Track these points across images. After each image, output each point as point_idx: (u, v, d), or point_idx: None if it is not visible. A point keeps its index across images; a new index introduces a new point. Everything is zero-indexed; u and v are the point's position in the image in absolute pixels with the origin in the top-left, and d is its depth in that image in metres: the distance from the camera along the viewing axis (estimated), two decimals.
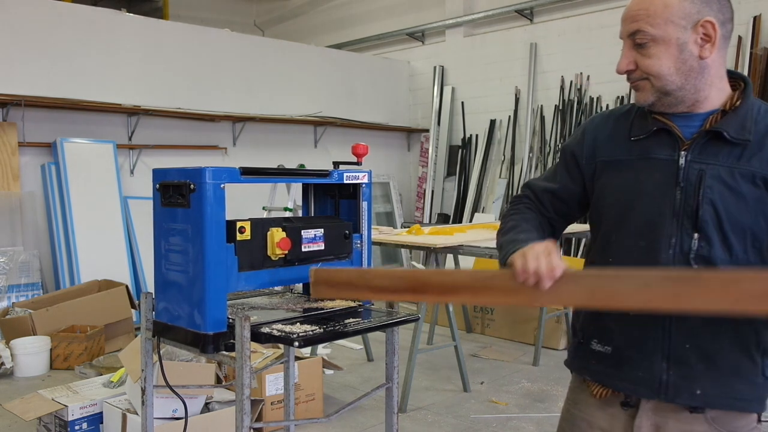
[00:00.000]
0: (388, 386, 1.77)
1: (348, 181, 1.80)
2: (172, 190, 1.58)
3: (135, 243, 5.88)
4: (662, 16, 1.27)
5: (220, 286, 1.53)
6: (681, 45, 1.28)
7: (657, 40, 1.28)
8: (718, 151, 1.31)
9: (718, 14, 1.29)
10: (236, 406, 1.51)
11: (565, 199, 1.59)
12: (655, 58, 1.29)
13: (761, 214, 1.29)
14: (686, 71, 1.29)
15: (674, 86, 1.30)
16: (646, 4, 1.30)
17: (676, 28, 1.27)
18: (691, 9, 1.27)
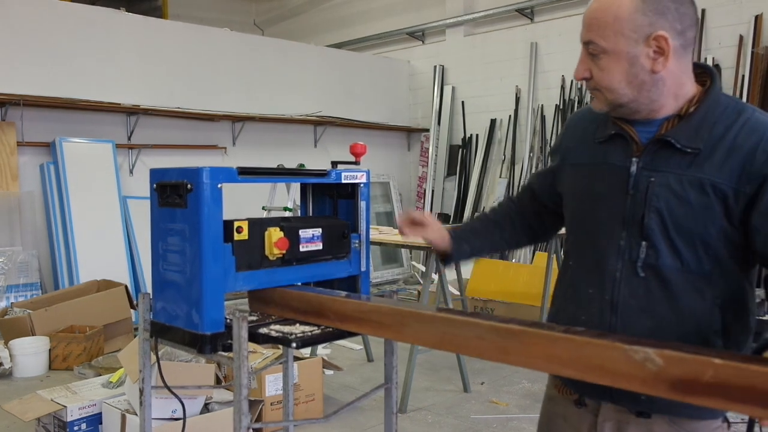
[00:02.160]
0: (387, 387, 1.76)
1: (346, 180, 1.79)
2: (169, 190, 1.57)
3: (134, 243, 5.87)
4: (612, 28, 1.23)
5: (217, 286, 1.52)
6: (632, 59, 1.24)
7: (608, 52, 1.25)
8: (669, 158, 1.29)
9: (675, 24, 1.23)
10: (234, 407, 1.50)
11: (543, 199, 1.63)
12: (606, 71, 1.27)
13: (710, 222, 1.26)
14: (638, 84, 1.26)
15: (626, 99, 1.28)
16: (598, 13, 1.26)
17: (627, 42, 1.23)
18: (643, 22, 1.22)
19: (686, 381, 0.99)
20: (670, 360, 1.00)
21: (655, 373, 1.02)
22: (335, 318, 1.51)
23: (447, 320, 1.28)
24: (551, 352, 1.13)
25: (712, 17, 6.07)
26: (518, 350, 1.17)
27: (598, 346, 1.09)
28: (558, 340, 1.12)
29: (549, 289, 4.56)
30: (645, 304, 1.31)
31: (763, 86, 5.69)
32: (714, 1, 6.05)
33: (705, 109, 1.29)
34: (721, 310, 1.28)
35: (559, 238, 4.59)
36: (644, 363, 1.03)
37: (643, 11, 1.22)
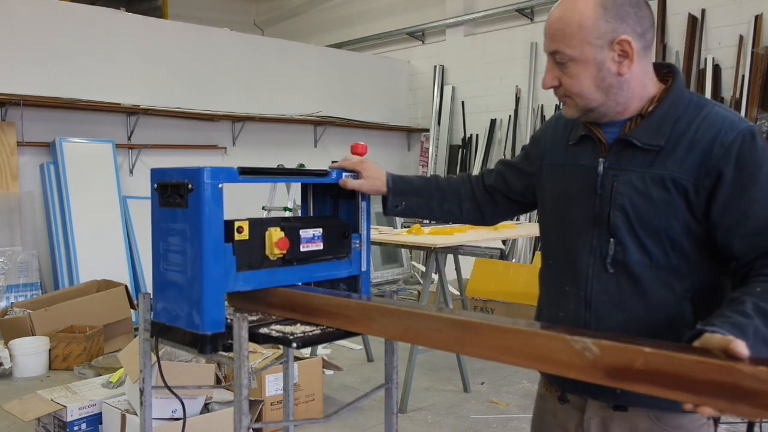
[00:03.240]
0: (387, 387, 1.76)
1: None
2: (170, 190, 1.57)
3: (134, 243, 5.87)
4: (578, 37, 1.27)
5: (218, 287, 1.52)
6: (599, 64, 1.29)
7: (575, 60, 1.29)
8: (633, 156, 1.33)
9: (636, 27, 1.28)
10: (234, 407, 1.50)
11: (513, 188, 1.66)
12: (575, 78, 1.31)
13: (672, 217, 1.29)
14: (606, 88, 1.30)
15: (596, 103, 1.32)
16: (562, 24, 1.29)
17: (593, 48, 1.27)
18: (606, 28, 1.26)
19: (620, 368, 1.05)
20: (605, 349, 1.07)
21: (592, 362, 1.08)
22: (306, 312, 1.56)
23: (409, 314, 1.36)
24: (502, 344, 1.21)
25: (712, 17, 6.07)
26: (473, 342, 1.25)
27: (543, 337, 1.16)
28: (508, 331, 1.20)
29: None
30: (616, 300, 1.35)
31: (763, 86, 5.70)
32: (714, 1, 6.05)
33: (666, 107, 1.33)
34: (691, 303, 1.31)
35: None
36: (583, 352, 1.09)
37: (605, 18, 1.26)
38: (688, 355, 1.00)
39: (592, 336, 1.09)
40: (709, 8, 6.07)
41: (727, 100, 5.96)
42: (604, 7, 1.26)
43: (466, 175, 1.77)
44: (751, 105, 5.72)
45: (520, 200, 1.67)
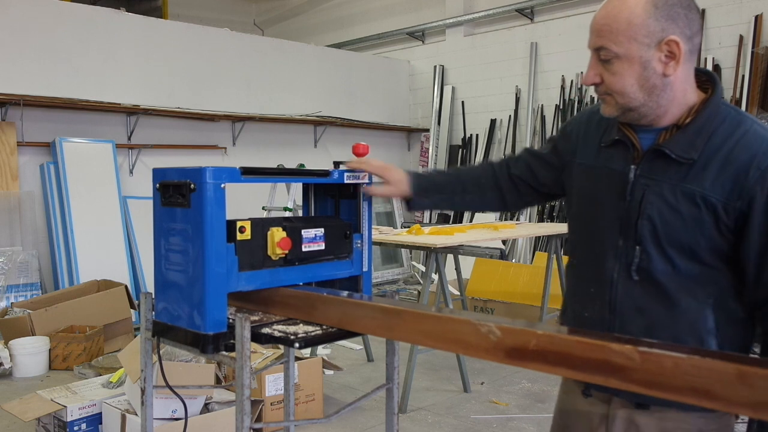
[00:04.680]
0: (388, 387, 1.76)
1: (348, 181, 1.79)
2: (172, 189, 1.57)
3: (134, 243, 5.87)
4: (626, 34, 1.26)
5: (220, 286, 1.52)
6: (644, 63, 1.27)
7: (621, 57, 1.27)
8: (666, 167, 1.32)
9: (685, 30, 1.26)
10: (236, 407, 1.50)
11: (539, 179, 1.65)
12: (618, 76, 1.29)
13: (699, 233, 1.29)
14: (649, 88, 1.28)
15: (637, 103, 1.30)
16: (610, 20, 1.28)
17: (640, 47, 1.26)
18: (656, 27, 1.24)
19: (517, 349, 1.17)
20: (506, 331, 1.19)
21: (495, 343, 1.20)
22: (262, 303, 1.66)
23: (345, 302, 1.51)
24: (424, 328, 1.33)
25: (712, 17, 6.07)
26: (400, 327, 1.37)
27: (455, 322, 1.27)
28: (428, 317, 1.33)
29: (549, 289, 4.56)
30: (639, 305, 1.36)
31: (763, 86, 5.70)
32: (714, 1, 6.05)
33: (703, 119, 1.30)
34: (713, 310, 1.31)
35: (558, 239, 4.59)
36: (488, 335, 1.20)
37: (656, 17, 1.24)
38: (569, 335, 1.12)
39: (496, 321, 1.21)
40: (709, 8, 6.08)
41: (727, 100, 5.96)
42: (655, 6, 1.24)
43: (488, 164, 1.75)
44: (751, 105, 5.73)
45: (545, 192, 1.67)
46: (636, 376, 1.04)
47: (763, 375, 0.93)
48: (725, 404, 0.97)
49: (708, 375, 0.98)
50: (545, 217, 7.04)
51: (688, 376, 0.99)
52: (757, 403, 0.94)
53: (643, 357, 1.03)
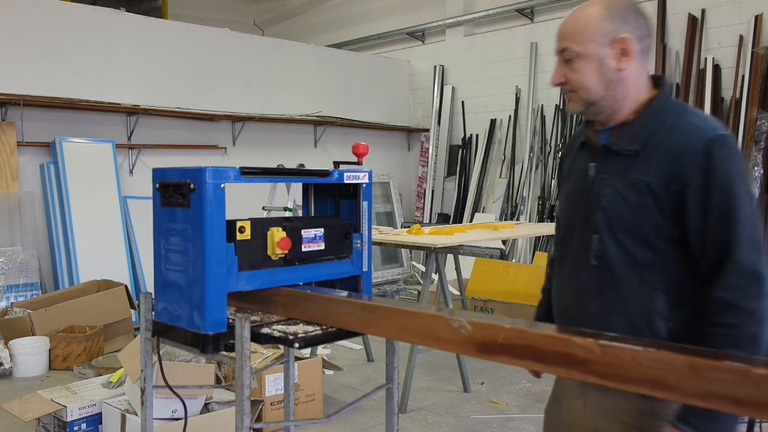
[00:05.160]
0: (388, 387, 1.76)
1: (348, 181, 1.79)
2: (172, 189, 1.57)
3: (134, 243, 5.86)
4: (584, 35, 1.43)
5: (220, 286, 1.52)
6: (601, 59, 1.43)
7: (580, 55, 1.44)
8: (616, 161, 1.47)
9: (636, 31, 1.43)
10: (236, 407, 1.50)
11: None
12: (579, 72, 1.45)
13: (646, 219, 1.40)
14: (606, 82, 1.44)
15: (597, 96, 1.45)
16: (571, 25, 1.46)
17: (596, 45, 1.42)
18: (609, 27, 1.42)
19: (487, 343, 1.22)
20: (476, 326, 1.24)
21: (466, 338, 1.24)
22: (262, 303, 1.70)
23: (327, 299, 1.56)
24: (400, 324, 1.38)
25: (712, 17, 6.07)
26: (377, 323, 1.43)
27: (429, 317, 1.33)
28: (403, 313, 1.38)
29: None
30: (596, 290, 1.48)
31: (763, 86, 5.70)
32: (714, 1, 6.05)
33: (647, 115, 1.45)
34: (666, 294, 1.41)
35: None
36: (459, 329, 1.26)
37: (609, 18, 1.43)
38: (535, 330, 1.18)
39: (466, 316, 1.27)
40: (709, 8, 6.07)
41: (727, 100, 5.97)
42: (608, 10, 1.43)
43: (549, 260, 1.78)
44: (751, 105, 5.73)
45: None
46: (597, 369, 1.09)
47: (713, 366, 0.97)
48: (679, 395, 1.01)
49: (663, 366, 1.02)
50: (545, 217, 7.04)
51: (645, 367, 1.04)
52: (707, 393, 0.98)
53: (604, 350, 1.08)
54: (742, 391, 0.95)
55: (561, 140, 7.06)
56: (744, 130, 5.74)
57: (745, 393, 0.95)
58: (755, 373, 0.94)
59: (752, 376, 0.95)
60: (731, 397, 0.97)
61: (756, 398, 0.94)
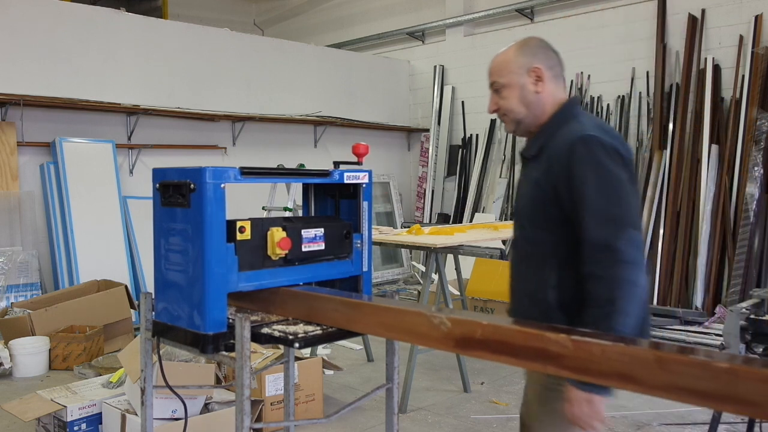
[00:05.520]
0: (388, 387, 1.76)
1: (348, 181, 1.79)
2: (172, 189, 1.57)
3: (134, 243, 5.86)
4: (506, 69, 1.82)
5: (220, 286, 1.52)
6: (521, 86, 1.79)
7: (506, 86, 1.81)
8: (527, 165, 1.85)
9: (545, 61, 1.81)
10: (236, 407, 1.50)
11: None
12: (507, 99, 1.81)
13: (539, 208, 1.72)
14: (527, 103, 1.79)
15: (522, 115, 1.80)
16: (496, 64, 1.86)
17: (516, 76, 1.80)
18: (524, 61, 1.80)
19: (465, 338, 1.28)
20: (455, 322, 1.30)
21: (446, 333, 1.30)
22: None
23: (312, 296, 1.61)
24: (381, 320, 1.43)
25: (712, 17, 6.07)
26: (360, 319, 1.49)
27: (410, 314, 1.39)
28: (384, 310, 1.44)
29: None
30: (515, 268, 1.83)
31: (763, 86, 5.70)
32: (714, 1, 6.05)
33: (548, 125, 1.78)
34: (555, 269, 1.68)
35: None
36: (440, 326, 1.31)
37: (522, 54, 1.82)
38: (510, 325, 1.24)
39: (446, 313, 1.34)
40: (709, 8, 6.07)
41: (727, 100, 5.96)
42: (521, 48, 1.83)
43: None
44: (751, 105, 5.72)
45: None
46: (569, 363, 1.13)
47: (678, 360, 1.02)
48: (646, 388, 1.05)
49: (630, 361, 1.07)
50: None
51: (613, 361, 1.08)
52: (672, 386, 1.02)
53: (575, 345, 1.13)
54: (703, 384, 0.99)
55: None
56: (744, 130, 5.73)
57: (706, 386, 0.99)
58: (715, 366, 0.98)
59: (713, 369, 0.99)
60: (694, 390, 1.01)
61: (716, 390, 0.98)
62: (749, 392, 0.95)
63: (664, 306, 5.88)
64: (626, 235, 1.55)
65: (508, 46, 1.88)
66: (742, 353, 2.41)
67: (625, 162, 1.65)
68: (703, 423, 3.46)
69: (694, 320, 5.50)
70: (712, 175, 5.88)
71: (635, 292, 1.52)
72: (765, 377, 0.94)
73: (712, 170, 5.88)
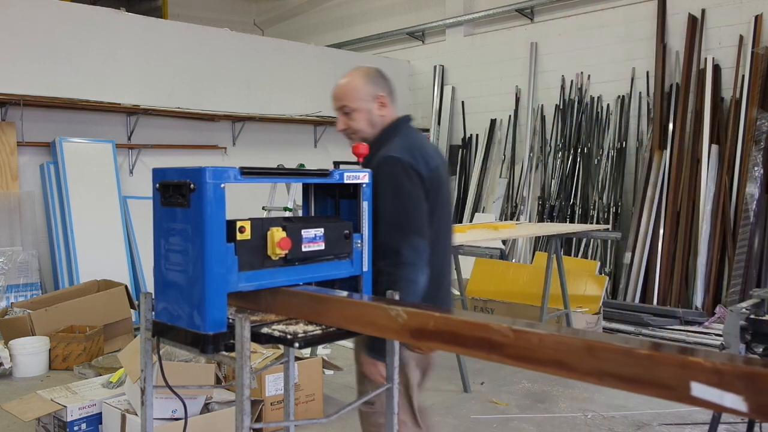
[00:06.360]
0: (388, 387, 1.76)
1: (348, 180, 1.79)
2: (171, 189, 1.57)
3: (134, 243, 5.86)
4: (355, 95, 2.10)
5: (220, 286, 1.52)
6: (368, 110, 2.10)
7: (356, 110, 2.09)
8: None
9: (385, 89, 2.14)
10: (236, 407, 1.50)
11: None
12: (356, 121, 2.10)
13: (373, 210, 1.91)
14: (373, 124, 2.11)
15: (368, 134, 2.11)
16: (347, 89, 2.11)
17: (364, 101, 2.10)
18: (370, 90, 2.10)
19: (419, 329, 1.35)
20: (410, 314, 1.37)
21: (402, 325, 1.38)
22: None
23: (282, 292, 1.67)
24: (346, 313, 1.53)
25: (712, 17, 6.07)
26: (327, 312, 1.57)
27: (370, 307, 1.49)
28: (348, 303, 1.55)
29: (549, 289, 4.56)
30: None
31: (763, 86, 5.70)
32: (714, 1, 6.05)
33: (379, 139, 2.10)
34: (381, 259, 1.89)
35: (558, 239, 4.59)
36: (396, 317, 1.39)
37: (368, 84, 2.11)
38: (458, 317, 1.31)
39: (402, 305, 1.41)
40: (709, 8, 6.08)
41: (727, 100, 5.97)
42: (367, 78, 2.12)
43: None
44: (751, 105, 5.73)
45: None
46: (510, 352, 1.20)
47: (605, 348, 1.09)
48: (579, 374, 1.12)
49: (564, 349, 1.13)
50: (545, 217, 7.04)
51: (550, 350, 1.15)
52: (600, 371, 1.09)
53: (516, 334, 1.19)
54: (628, 370, 1.06)
55: (561, 140, 7.06)
56: (744, 130, 5.74)
57: (630, 371, 1.06)
58: (638, 353, 1.06)
59: (636, 356, 1.06)
60: (619, 375, 1.07)
61: (638, 375, 1.05)
62: (665, 376, 1.02)
63: (664, 306, 5.89)
64: (410, 242, 1.89)
65: (351, 75, 2.16)
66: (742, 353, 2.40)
67: (423, 179, 1.95)
68: (703, 423, 3.46)
69: (694, 320, 5.50)
70: (712, 175, 5.88)
71: (414, 288, 1.87)
72: (678, 362, 1.01)
73: (712, 170, 5.88)
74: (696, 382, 1.00)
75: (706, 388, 0.99)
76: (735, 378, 0.96)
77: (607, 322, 5.44)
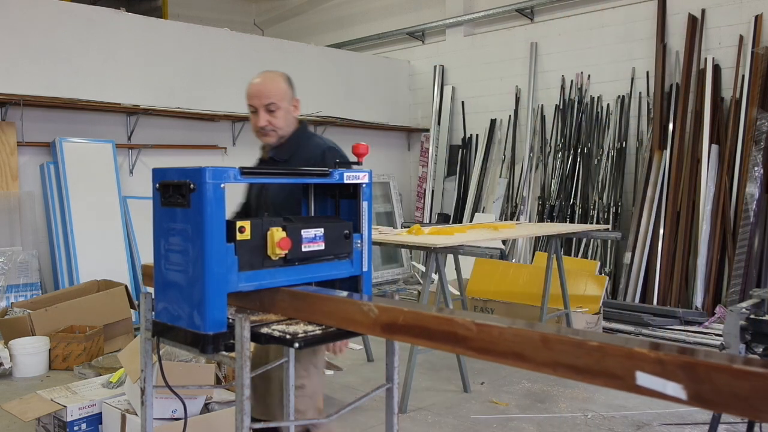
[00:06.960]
0: (388, 387, 1.76)
1: (348, 181, 1.79)
2: (171, 189, 1.57)
3: (134, 243, 5.86)
4: (282, 95, 2.35)
5: (220, 286, 1.52)
6: (287, 110, 2.38)
7: (280, 108, 2.34)
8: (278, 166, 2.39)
9: (295, 93, 2.42)
10: (236, 407, 1.50)
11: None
12: (278, 119, 2.35)
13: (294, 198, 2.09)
14: (289, 123, 2.40)
15: (284, 132, 2.38)
16: (271, 89, 2.34)
17: (287, 102, 2.38)
18: (290, 92, 2.40)
19: (390, 324, 1.40)
20: (381, 309, 1.42)
21: (374, 320, 1.43)
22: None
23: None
24: (323, 309, 1.57)
25: (712, 17, 6.07)
26: (305, 308, 1.61)
27: (345, 303, 1.54)
28: (324, 299, 1.58)
29: (549, 289, 4.56)
30: None
31: (763, 86, 5.70)
32: (714, 1, 6.05)
33: (293, 138, 2.42)
34: None
35: (558, 239, 4.59)
36: (368, 312, 1.44)
37: (290, 86, 2.40)
38: (427, 312, 1.36)
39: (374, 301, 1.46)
40: (709, 8, 6.08)
41: (727, 100, 5.97)
42: (288, 81, 2.41)
43: None
44: (751, 105, 5.73)
45: None
46: (474, 344, 1.25)
47: (558, 339, 1.14)
48: (535, 365, 1.17)
49: (522, 341, 1.19)
50: (545, 217, 7.04)
51: (509, 342, 1.20)
52: (555, 363, 1.14)
53: (479, 328, 1.24)
54: (580, 361, 1.11)
55: (561, 140, 7.06)
56: (744, 130, 5.74)
57: (582, 362, 1.11)
58: (588, 345, 1.11)
59: (587, 347, 1.11)
60: (572, 366, 1.12)
61: (589, 366, 1.10)
62: (614, 367, 1.07)
63: (664, 306, 5.89)
64: None
65: (273, 76, 2.40)
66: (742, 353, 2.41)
67: None
68: (703, 423, 3.46)
69: (694, 320, 5.50)
70: (712, 175, 5.88)
71: None
72: (625, 353, 1.06)
73: (712, 170, 5.88)
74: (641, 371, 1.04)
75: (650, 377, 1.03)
76: (676, 367, 1.01)
77: (607, 322, 5.44)
